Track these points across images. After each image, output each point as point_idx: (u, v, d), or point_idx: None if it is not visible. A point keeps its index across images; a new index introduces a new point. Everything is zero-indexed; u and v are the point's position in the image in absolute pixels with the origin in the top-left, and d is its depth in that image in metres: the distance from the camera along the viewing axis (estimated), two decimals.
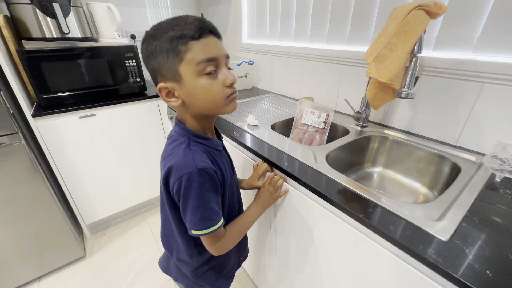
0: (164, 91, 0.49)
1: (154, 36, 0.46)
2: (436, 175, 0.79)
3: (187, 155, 0.50)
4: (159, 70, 0.48)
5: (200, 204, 0.50)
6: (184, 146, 0.52)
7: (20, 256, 1.19)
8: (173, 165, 0.49)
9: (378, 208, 0.53)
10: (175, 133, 0.55)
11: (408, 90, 0.68)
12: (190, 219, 0.51)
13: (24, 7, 1.11)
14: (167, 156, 0.52)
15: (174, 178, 0.49)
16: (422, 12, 0.62)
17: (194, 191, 0.48)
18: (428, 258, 0.41)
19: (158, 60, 0.47)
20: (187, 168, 0.48)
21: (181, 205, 0.51)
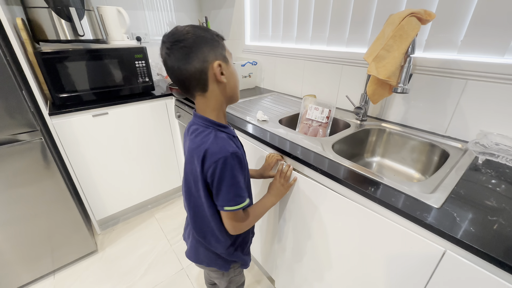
0: (218, 69, 0.57)
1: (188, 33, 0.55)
2: (428, 161, 0.89)
3: (218, 142, 0.58)
4: (212, 53, 0.56)
5: (233, 183, 0.58)
6: (213, 135, 0.59)
7: (35, 250, 1.23)
8: (208, 151, 0.57)
9: (381, 186, 0.62)
10: (199, 125, 0.62)
11: (403, 86, 0.78)
12: (223, 197, 0.59)
13: (41, 10, 1.16)
14: (199, 146, 0.59)
15: (210, 163, 0.56)
16: (414, 19, 0.72)
17: (228, 172, 0.57)
18: (424, 220, 0.51)
19: (207, 46, 0.55)
20: (221, 153, 0.56)
21: (215, 186, 0.59)
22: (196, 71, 0.56)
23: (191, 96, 0.62)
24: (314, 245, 0.85)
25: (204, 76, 0.57)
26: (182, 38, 0.54)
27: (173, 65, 0.56)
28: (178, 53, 0.54)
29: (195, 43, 0.54)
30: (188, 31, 0.55)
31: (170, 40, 0.55)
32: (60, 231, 1.27)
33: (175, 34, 0.55)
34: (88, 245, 1.40)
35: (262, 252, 1.21)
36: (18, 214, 1.13)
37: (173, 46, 0.54)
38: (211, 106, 0.61)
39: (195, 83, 0.57)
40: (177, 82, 0.59)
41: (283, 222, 0.96)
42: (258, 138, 0.93)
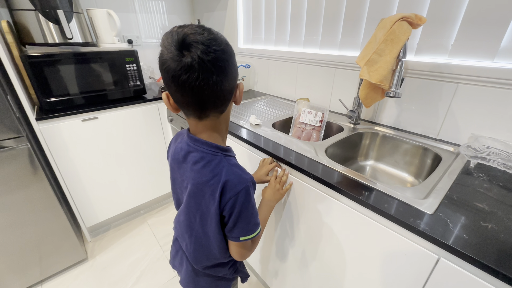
0: (242, 88, 0.52)
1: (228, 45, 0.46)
2: (421, 164, 0.89)
3: (235, 172, 0.52)
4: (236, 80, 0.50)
5: (253, 213, 0.55)
6: (226, 164, 0.52)
7: (23, 259, 1.19)
8: (227, 183, 0.50)
9: (375, 191, 0.62)
10: (205, 153, 0.52)
11: (395, 90, 0.78)
12: (241, 229, 0.54)
13: (28, 13, 1.13)
14: (213, 177, 0.51)
15: (230, 195, 0.50)
16: (406, 23, 0.72)
17: (249, 204, 0.52)
18: (417, 227, 0.50)
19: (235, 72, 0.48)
20: (241, 184, 0.51)
21: (232, 219, 0.52)
22: (230, 89, 0.48)
23: (202, 117, 0.50)
24: (306, 252, 0.84)
25: (230, 96, 0.49)
26: (226, 49, 0.44)
27: (204, 76, 0.42)
28: (218, 64, 0.43)
29: (232, 52, 0.46)
30: (220, 36, 0.45)
31: (210, 44, 0.41)
32: (48, 239, 1.24)
33: (217, 40, 0.43)
34: (77, 253, 1.36)
35: (260, 261, 1.20)
36: (5, 222, 1.09)
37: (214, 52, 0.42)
38: (220, 128, 0.53)
39: (220, 102, 0.48)
40: (198, 97, 0.45)
41: (276, 228, 0.95)
42: (251, 142, 0.91)
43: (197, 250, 0.62)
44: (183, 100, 0.47)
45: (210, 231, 0.56)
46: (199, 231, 0.58)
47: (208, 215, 0.54)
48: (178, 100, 0.47)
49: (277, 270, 1.05)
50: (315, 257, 0.82)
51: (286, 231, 0.91)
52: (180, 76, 0.42)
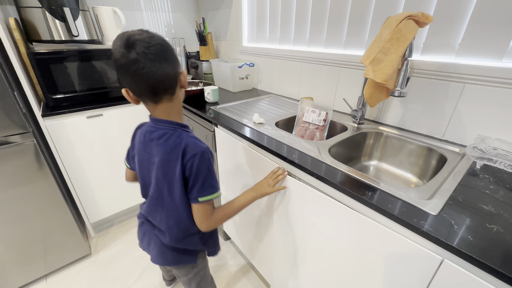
0: (185, 77, 0.63)
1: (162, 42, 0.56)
2: (425, 165, 0.88)
3: (192, 140, 0.63)
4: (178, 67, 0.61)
5: (209, 175, 0.63)
6: (185, 135, 0.64)
7: (28, 253, 1.21)
8: (187, 147, 0.61)
9: (378, 191, 0.61)
10: (167, 129, 0.63)
11: (400, 90, 0.77)
12: (199, 188, 0.63)
13: (35, 10, 1.14)
14: (176, 146, 0.62)
15: (189, 157, 0.61)
16: (412, 22, 0.71)
17: (205, 164, 0.62)
18: (421, 228, 0.49)
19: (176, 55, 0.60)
20: (197, 148, 0.62)
21: (192, 179, 0.62)
22: (172, 74, 0.58)
23: (157, 100, 0.61)
24: (308, 251, 0.84)
25: (175, 81, 0.61)
26: (159, 42, 0.55)
27: (150, 66, 0.54)
28: (157, 54, 0.54)
29: (169, 47, 0.58)
30: (159, 36, 0.57)
31: (147, 41, 0.53)
32: (53, 234, 1.25)
33: (153, 37, 0.55)
34: (81, 248, 1.38)
35: (258, 257, 1.20)
36: (10, 216, 1.11)
37: (152, 46, 0.53)
38: (176, 109, 0.65)
39: (168, 86, 0.59)
40: (145, 83, 0.56)
41: (277, 228, 0.95)
42: (254, 141, 0.91)
43: (169, 219, 0.69)
44: (138, 89, 0.58)
45: (177, 197, 0.65)
46: (168, 200, 0.67)
47: (174, 181, 0.63)
48: (135, 90, 0.59)
49: (272, 267, 1.05)
50: (316, 257, 0.81)
51: (286, 231, 0.90)
52: (130, 68, 0.53)
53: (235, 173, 1.13)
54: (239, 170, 1.09)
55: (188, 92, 1.37)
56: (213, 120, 1.14)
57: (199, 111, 1.23)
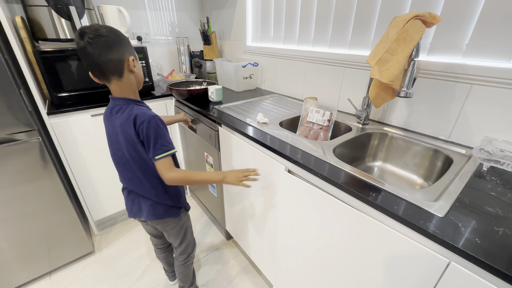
0: (132, 62, 0.73)
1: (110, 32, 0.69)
2: (431, 166, 0.88)
3: (142, 110, 0.75)
4: (128, 49, 0.72)
5: (159, 136, 0.74)
6: (136, 107, 0.75)
7: (32, 249, 1.22)
8: (137, 116, 0.72)
9: (384, 193, 0.61)
10: (122, 105, 0.75)
11: (407, 90, 0.76)
12: (153, 148, 0.73)
13: (41, 9, 1.15)
14: (128, 117, 0.73)
15: (139, 124, 0.72)
16: (419, 22, 0.71)
17: (153, 128, 0.72)
18: (428, 230, 0.49)
19: (124, 44, 0.71)
20: (145, 116, 0.73)
21: (145, 142, 0.74)
22: (116, 60, 0.70)
23: (107, 80, 0.73)
24: (312, 251, 0.83)
25: (121, 66, 0.71)
26: (105, 34, 0.67)
27: (93, 51, 0.67)
28: (100, 43, 0.67)
29: (116, 39, 0.70)
30: (110, 30, 0.69)
31: (94, 33, 0.66)
32: (57, 231, 1.26)
33: (98, 30, 0.67)
34: (85, 246, 1.39)
35: (261, 257, 1.20)
36: (15, 213, 1.12)
37: (96, 37, 0.66)
38: (128, 88, 0.76)
39: (113, 70, 0.71)
40: (93, 66, 0.69)
41: (280, 227, 0.95)
42: (258, 141, 0.91)
43: (147, 177, 0.82)
44: (91, 70, 0.72)
45: (144, 156, 0.77)
46: (139, 160, 0.78)
47: (136, 143, 0.75)
48: (90, 71, 0.72)
49: (281, 271, 1.04)
50: (319, 257, 0.81)
51: (289, 232, 0.90)
52: (81, 54, 0.68)
53: None
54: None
55: (192, 91, 1.37)
56: (217, 119, 1.14)
57: (203, 110, 1.23)
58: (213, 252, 1.46)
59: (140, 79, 0.80)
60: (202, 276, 1.31)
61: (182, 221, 0.99)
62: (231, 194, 1.26)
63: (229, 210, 1.35)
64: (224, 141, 1.16)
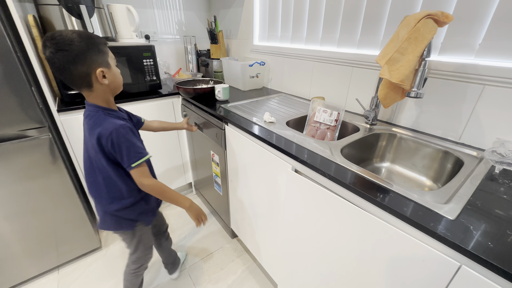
0: (101, 74, 0.69)
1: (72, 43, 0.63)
2: (440, 168, 0.86)
3: (107, 121, 0.73)
4: (96, 61, 0.68)
5: (130, 145, 0.73)
6: (102, 117, 0.74)
7: (41, 244, 1.25)
8: (100, 132, 0.71)
9: (393, 194, 0.60)
10: (91, 111, 0.75)
11: (417, 90, 0.75)
12: (126, 158, 0.73)
13: (52, 8, 1.17)
14: (92, 127, 0.73)
15: (106, 138, 0.71)
16: (431, 21, 0.69)
17: (122, 138, 0.72)
18: (438, 233, 0.48)
19: (91, 55, 0.67)
20: (111, 127, 0.71)
21: (118, 153, 0.73)
22: (82, 74, 0.67)
23: (77, 90, 0.72)
24: (317, 252, 0.83)
25: (88, 79, 0.69)
26: (66, 49, 0.63)
27: (59, 65, 0.64)
28: (62, 57, 0.63)
29: (79, 53, 0.65)
30: (72, 40, 0.63)
31: (54, 47, 0.62)
32: (65, 226, 1.28)
33: (58, 43, 0.62)
34: (92, 241, 1.41)
35: (266, 256, 1.20)
36: (25, 208, 1.14)
37: (57, 52, 0.62)
38: (99, 97, 0.74)
39: (80, 83, 0.69)
40: (60, 77, 0.67)
41: (285, 226, 0.94)
42: (265, 140, 0.91)
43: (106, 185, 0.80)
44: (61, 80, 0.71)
45: (105, 163, 0.76)
46: (100, 166, 0.77)
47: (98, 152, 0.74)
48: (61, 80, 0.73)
49: (285, 271, 1.04)
50: (324, 258, 0.81)
51: (294, 231, 0.90)
52: (49, 63, 0.65)
53: (244, 171, 1.14)
54: (248, 168, 1.09)
55: (199, 90, 1.38)
56: (223, 118, 1.14)
57: (209, 109, 1.24)
58: (217, 251, 1.46)
59: (115, 86, 0.76)
60: (206, 274, 1.32)
61: (136, 235, 0.94)
62: (237, 192, 1.26)
63: (234, 209, 1.35)
64: (230, 140, 1.16)
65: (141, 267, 1.03)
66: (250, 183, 1.12)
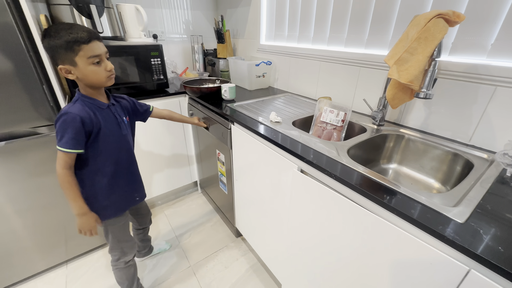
0: (63, 70, 0.74)
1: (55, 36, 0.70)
2: (449, 171, 0.85)
3: (71, 106, 0.78)
4: (59, 58, 0.73)
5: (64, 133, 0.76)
6: (77, 101, 0.79)
7: (51, 239, 1.27)
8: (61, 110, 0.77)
9: (400, 195, 0.59)
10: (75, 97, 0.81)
11: (426, 91, 0.74)
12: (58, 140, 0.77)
13: (63, 7, 1.20)
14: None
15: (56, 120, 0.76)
16: (442, 20, 0.68)
17: (60, 124, 0.75)
18: (447, 236, 0.48)
19: (56, 52, 0.72)
20: (63, 111, 0.76)
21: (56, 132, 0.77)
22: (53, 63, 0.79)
23: None
24: (321, 252, 0.83)
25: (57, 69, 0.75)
26: (42, 39, 0.72)
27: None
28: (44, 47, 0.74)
29: (48, 47, 0.72)
30: (50, 34, 0.70)
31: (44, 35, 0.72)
32: (73, 222, 1.30)
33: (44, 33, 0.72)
34: (99, 237, 1.43)
35: (270, 255, 1.20)
36: (36, 203, 1.17)
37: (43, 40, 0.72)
38: (80, 86, 0.81)
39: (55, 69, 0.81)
40: None
41: (289, 226, 0.94)
42: (271, 139, 0.91)
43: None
44: None
45: None
46: None
47: None
48: None
49: (290, 271, 1.04)
50: (329, 259, 0.80)
51: (299, 231, 0.90)
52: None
53: (250, 170, 1.14)
54: (254, 167, 1.09)
55: (206, 89, 1.39)
56: (230, 117, 1.15)
57: (216, 108, 1.24)
58: (222, 249, 1.47)
59: (89, 83, 0.79)
60: (211, 273, 1.33)
61: (106, 228, 0.97)
62: (242, 192, 1.27)
63: (239, 208, 1.36)
64: (236, 139, 1.17)
65: (119, 260, 1.04)
66: (255, 182, 1.12)
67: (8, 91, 0.99)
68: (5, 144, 1.02)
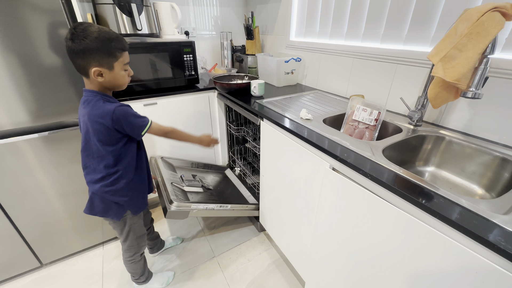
0: (96, 72, 0.76)
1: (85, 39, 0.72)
2: (496, 177, 0.79)
3: (109, 104, 0.80)
4: (97, 60, 0.75)
5: (131, 115, 0.83)
6: (101, 101, 0.81)
7: (89, 221, 1.38)
8: (103, 111, 0.79)
9: (442, 199, 0.57)
10: (89, 96, 0.81)
11: (475, 91, 0.69)
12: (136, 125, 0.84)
13: (107, 6, 1.28)
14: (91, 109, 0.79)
15: (110, 115, 0.78)
16: (498, 14, 0.63)
17: (126, 111, 0.82)
18: (497, 244, 0.45)
19: (95, 55, 0.74)
20: (112, 107, 0.79)
21: (125, 124, 0.81)
22: (80, 66, 0.76)
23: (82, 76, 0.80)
24: (353, 254, 0.81)
25: (86, 70, 0.77)
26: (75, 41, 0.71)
27: (67, 50, 0.74)
28: (70, 48, 0.73)
29: (84, 50, 0.73)
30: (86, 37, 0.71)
31: (70, 35, 0.72)
32: None
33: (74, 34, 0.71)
34: None
35: (295, 252, 1.21)
36: (75, 188, 1.27)
37: (69, 40, 0.72)
38: (95, 85, 0.81)
39: (79, 71, 0.78)
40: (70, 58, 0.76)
41: (318, 224, 0.94)
42: (302, 136, 0.91)
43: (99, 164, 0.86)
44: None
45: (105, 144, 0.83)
46: (96, 147, 0.84)
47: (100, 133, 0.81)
48: None
49: (315, 270, 1.04)
50: (361, 262, 0.79)
51: (328, 230, 0.89)
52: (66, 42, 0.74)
53: (277, 166, 1.15)
54: (282, 163, 1.10)
55: (236, 85, 1.41)
56: (259, 113, 1.16)
57: (245, 104, 1.26)
58: (245, 242, 1.50)
59: (113, 86, 0.83)
60: (234, 264, 1.37)
61: (127, 226, 0.99)
62: (268, 187, 1.28)
63: (264, 202, 1.38)
64: (265, 135, 1.18)
65: (135, 255, 1.08)
66: (283, 178, 1.13)
67: (57, 84, 1.08)
68: (49, 134, 1.12)
